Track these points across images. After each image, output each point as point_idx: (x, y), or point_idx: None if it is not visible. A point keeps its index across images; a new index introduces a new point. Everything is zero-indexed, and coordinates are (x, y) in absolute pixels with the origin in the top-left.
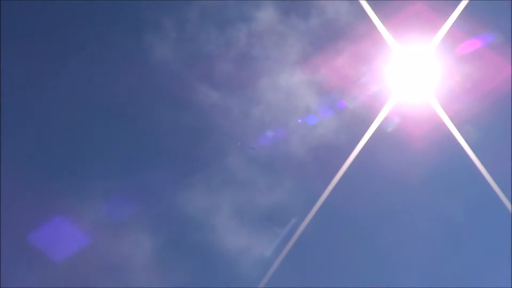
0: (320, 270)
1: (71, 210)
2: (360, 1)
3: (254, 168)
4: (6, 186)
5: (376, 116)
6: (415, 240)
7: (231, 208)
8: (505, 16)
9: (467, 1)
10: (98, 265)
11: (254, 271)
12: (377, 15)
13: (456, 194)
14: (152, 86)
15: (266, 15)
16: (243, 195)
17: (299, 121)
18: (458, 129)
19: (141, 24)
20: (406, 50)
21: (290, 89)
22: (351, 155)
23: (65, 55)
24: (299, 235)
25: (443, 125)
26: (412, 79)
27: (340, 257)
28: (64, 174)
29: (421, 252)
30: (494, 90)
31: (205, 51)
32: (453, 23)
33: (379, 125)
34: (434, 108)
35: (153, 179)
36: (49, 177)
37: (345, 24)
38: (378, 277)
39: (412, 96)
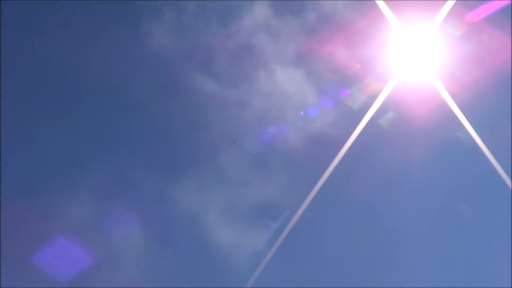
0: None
1: (64, 207)
2: None
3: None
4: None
5: (377, 97)
6: (417, 219)
7: (225, 200)
8: None
9: None
10: (95, 259)
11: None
12: None
13: (458, 171)
14: (148, 80)
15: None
16: (242, 184)
17: (301, 113)
18: (459, 107)
19: (139, 14)
20: (408, 30)
21: (290, 81)
22: (351, 139)
23: (62, 43)
24: (305, 215)
25: (444, 104)
26: (414, 58)
27: (342, 240)
28: (54, 167)
29: (422, 233)
30: (495, 68)
31: (205, 42)
32: (455, 2)
33: (381, 105)
34: (435, 87)
35: (149, 173)
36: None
37: (346, 4)
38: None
39: (414, 75)
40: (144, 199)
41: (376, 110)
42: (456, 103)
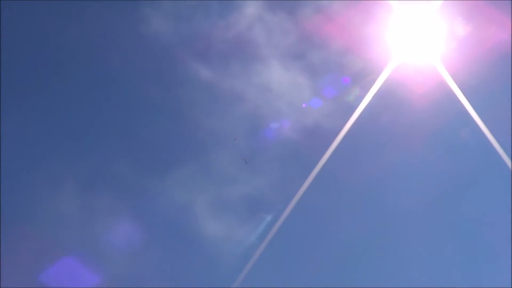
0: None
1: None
2: None
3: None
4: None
5: (377, 79)
6: (417, 201)
7: (215, 195)
8: None
9: None
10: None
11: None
12: None
13: (458, 152)
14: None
15: None
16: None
17: (304, 105)
18: (459, 87)
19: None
20: (409, 10)
21: (287, 71)
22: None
23: (60, 26)
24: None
25: (445, 84)
26: (415, 39)
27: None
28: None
29: (421, 213)
30: (495, 49)
31: (201, 31)
32: None
33: (382, 85)
34: (436, 68)
35: (138, 166)
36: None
37: None
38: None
39: (415, 56)
40: (131, 193)
41: (375, 93)
42: (456, 83)
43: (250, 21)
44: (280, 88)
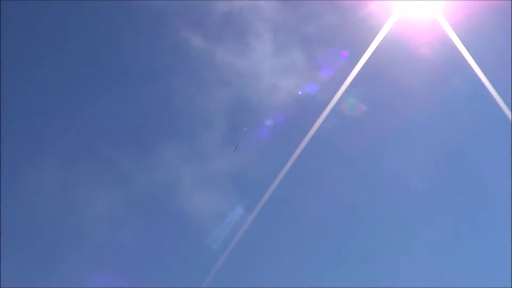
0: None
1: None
2: None
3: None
4: None
5: (380, 29)
6: (419, 155)
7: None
8: None
9: None
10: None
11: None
12: None
13: (459, 103)
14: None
15: None
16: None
17: (300, 92)
18: (460, 38)
19: None
20: None
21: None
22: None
23: None
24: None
25: (445, 35)
26: None
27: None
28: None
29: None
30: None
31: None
32: None
33: (383, 39)
34: (437, 20)
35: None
36: None
37: None
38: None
39: (416, 7)
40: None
41: (377, 47)
42: (458, 35)
43: None
44: (271, 65)
